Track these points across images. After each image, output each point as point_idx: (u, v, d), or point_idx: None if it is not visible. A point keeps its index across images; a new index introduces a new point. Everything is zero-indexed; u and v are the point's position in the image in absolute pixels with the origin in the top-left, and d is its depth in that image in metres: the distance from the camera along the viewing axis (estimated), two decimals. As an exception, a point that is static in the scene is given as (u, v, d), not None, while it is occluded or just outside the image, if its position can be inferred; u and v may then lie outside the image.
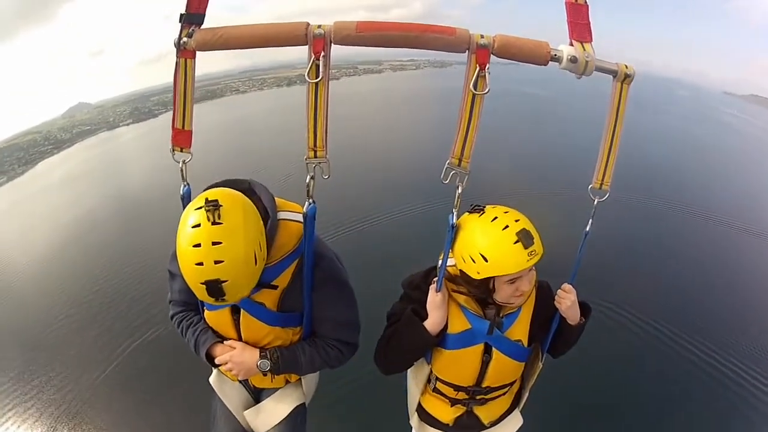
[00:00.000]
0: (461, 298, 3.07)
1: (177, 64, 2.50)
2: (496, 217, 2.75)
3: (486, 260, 2.72)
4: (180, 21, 2.42)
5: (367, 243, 13.23)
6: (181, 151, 2.72)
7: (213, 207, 2.30)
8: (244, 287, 2.48)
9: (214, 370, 3.65)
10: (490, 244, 2.72)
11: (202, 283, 2.30)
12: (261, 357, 3.02)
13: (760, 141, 37.26)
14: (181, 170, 2.72)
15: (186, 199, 2.70)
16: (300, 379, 3.61)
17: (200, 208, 2.30)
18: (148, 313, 10.81)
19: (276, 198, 2.87)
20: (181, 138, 2.69)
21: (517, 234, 2.67)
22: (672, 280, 11.74)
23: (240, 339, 3.09)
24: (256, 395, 3.69)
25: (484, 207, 2.87)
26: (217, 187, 2.59)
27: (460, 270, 2.94)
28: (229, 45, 2.41)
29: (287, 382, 3.59)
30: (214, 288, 2.31)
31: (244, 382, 3.66)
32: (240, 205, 2.44)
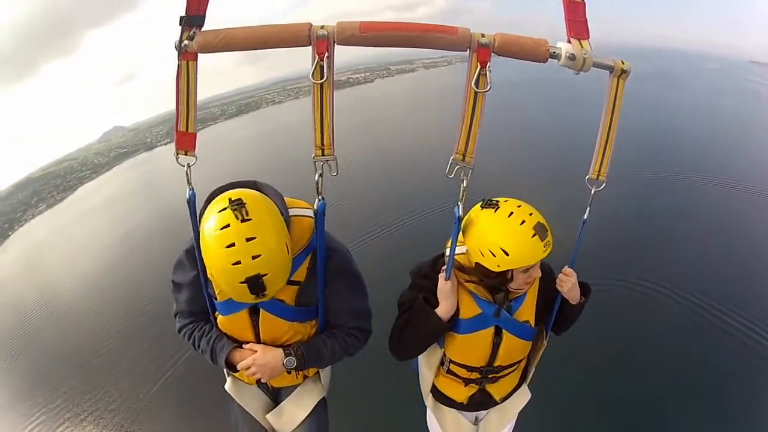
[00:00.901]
0: (471, 286, 3.17)
1: (179, 66, 2.47)
2: (512, 213, 2.87)
3: (507, 254, 2.84)
4: (180, 24, 2.38)
5: (405, 241, 13.41)
6: (186, 154, 2.68)
7: (238, 205, 2.32)
8: (282, 278, 2.51)
9: (229, 377, 3.65)
10: (510, 239, 2.85)
11: (243, 282, 2.30)
12: (286, 355, 3.00)
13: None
14: (186, 174, 2.66)
15: (192, 203, 2.69)
16: (318, 372, 3.63)
17: (224, 209, 2.32)
18: None
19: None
20: (186, 141, 2.66)
21: (534, 228, 2.80)
22: (703, 250, 11.62)
23: (258, 341, 3.09)
24: (274, 396, 3.69)
25: (498, 202, 2.98)
26: (223, 190, 2.60)
27: (477, 263, 3.04)
28: (231, 47, 2.40)
29: (305, 377, 3.62)
30: (256, 284, 2.32)
31: (262, 384, 3.63)
32: (261, 200, 2.47)
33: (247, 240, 2.26)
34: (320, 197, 2.59)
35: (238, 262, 2.25)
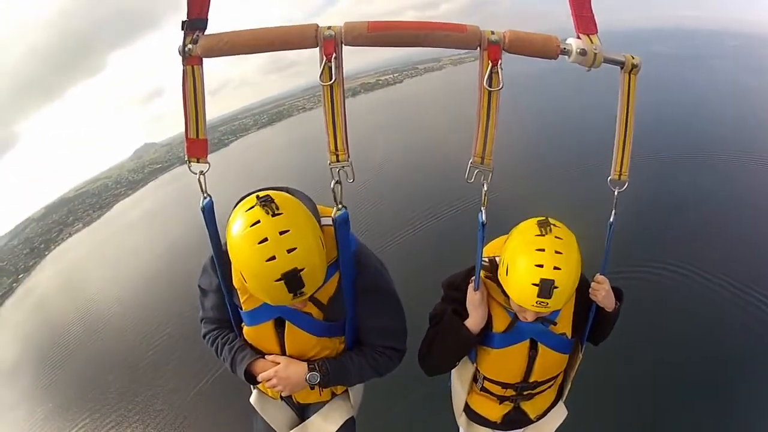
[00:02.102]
0: (501, 298, 3.03)
1: (184, 72, 2.37)
2: (543, 249, 2.67)
3: (506, 274, 2.77)
4: (182, 29, 2.31)
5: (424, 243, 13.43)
6: (198, 161, 2.54)
7: (267, 201, 2.22)
8: (321, 274, 2.34)
9: (254, 390, 3.49)
10: (516, 269, 2.72)
11: (279, 279, 2.15)
12: (309, 370, 2.85)
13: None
14: (199, 181, 2.54)
15: (208, 211, 2.60)
16: (347, 390, 3.44)
17: (253, 206, 2.22)
18: None
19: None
20: (197, 148, 2.53)
21: (541, 281, 2.60)
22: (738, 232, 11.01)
23: (283, 354, 2.95)
24: (300, 412, 3.52)
25: (551, 227, 2.77)
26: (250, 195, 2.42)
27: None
28: (236, 50, 2.35)
29: (333, 394, 3.41)
30: (293, 280, 2.17)
31: (288, 399, 3.43)
32: (290, 198, 2.37)
33: (281, 233, 2.14)
34: (339, 206, 2.45)
35: (273, 258, 2.12)
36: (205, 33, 2.32)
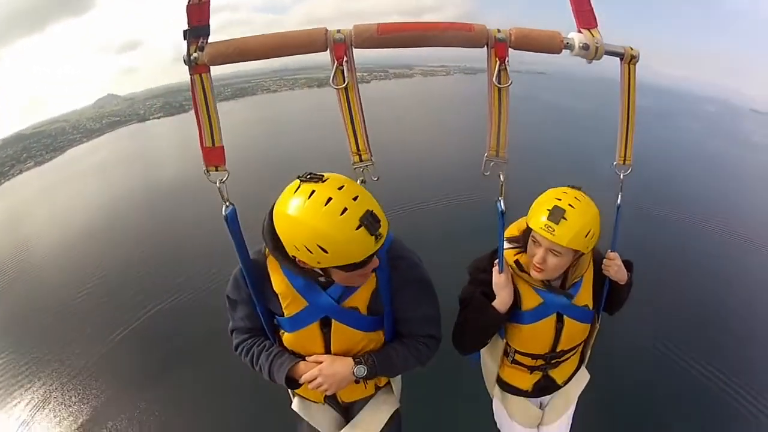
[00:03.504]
0: (527, 276, 3.29)
1: (192, 81, 2.38)
2: (565, 194, 3.06)
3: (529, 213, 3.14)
4: (184, 38, 2.31)
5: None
6: (216, 170, 2.52)
7: (310, 175, 2.24)
8: (382, 212, 2.30)
9: (295, 397, 3.51)
10: (537, 201, 3.14)
11: (359, 227, 2.16)
12: (356, 363, 2.87)
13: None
14: (220, 190, 2.51)
15: (231, 220, 2.54)
16: (389, 382, 3.53)
17: (299, 186, 2.23)
18: (162, 288, 11.62)
19: None
20: (214, 156, 2.52)
21: (554, 207, 2.97)
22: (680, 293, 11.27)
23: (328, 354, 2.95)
24: (345, 412, 3.56)
25: (576, 190, 3.13)
26: None
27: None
28: (245, 56, 2.37)
29: (377, 388, 3.49)
30: (371, 220, 2.19)
31: (332, 400, 3.46)
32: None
33: (339, 189, 2.19)
34: None
35: (345, 209, 2.14)
36: (209, 40, 2.34)
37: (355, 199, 2.18)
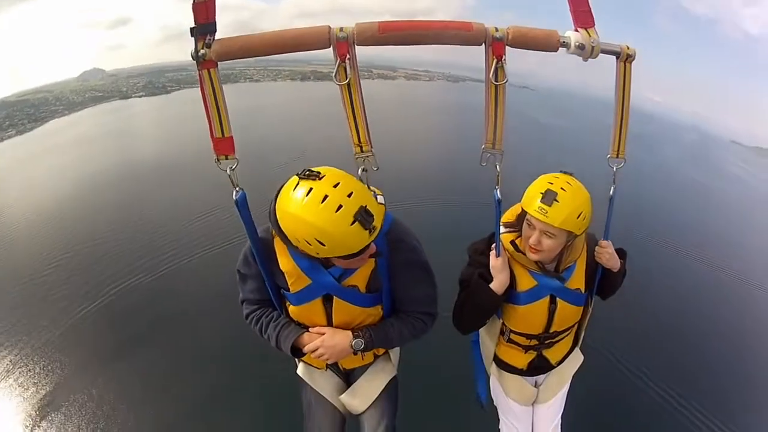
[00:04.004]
0: (523, 259, 3.45)
1: (201, 77, 2.49)
2: (557, 178, 3.22)
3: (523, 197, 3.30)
4: (192, 35, 2.38)
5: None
6: (227, 158, 2.63)
7: (306, 172, 2.37)
8: (377, 207, 2.47)
9: (300, 363, 3.75)
10: (531, 185, 3.28)
11: (353, 222, 2.31)
12: (354, 337, 3.09)
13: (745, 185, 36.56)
14: (230, 177, 2.63)
15: (241, 203, 2.69)
16: (387, 352, 3.74)
17: (297, 183, 2.37)
18: (132, 265, 11.62)
19: None
20: (223, 146, 2.62)
21: (547, 190, 3.14)
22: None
23: (330, 326, 3.17)
24: (346, 377, 3.76)
25: (568, 175, 3.28)
26: None
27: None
28: (251, 53, 2.44)
29: (375, 357, 3.71)
30: (364, 216, 2.33)
31: (334, 367, 3.71)
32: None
33: (335, 186, 2.32)
34: (372, 191, 2.67)
35: (340, 206, 2.29)
36: (216, 37, 2.42)
37: (349, 195, 2.32)
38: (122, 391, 7.80)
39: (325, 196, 2.28)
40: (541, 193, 3.11)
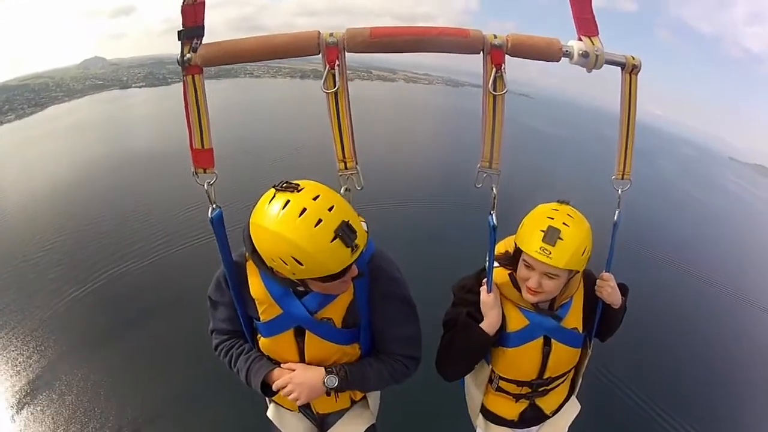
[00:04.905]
0: (515, 296, 3.07)
1: (185, 82, 2.34)
2: (557, 211, 2.83)
3: (519, 232, 2.90)
4: (178, 38, 2.27)
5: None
6: (205, 172, 2.47)
7: (284, 184, 2.16)
8: (360, 224, 2.25)
9: (271, 404, 3.45)
10: (529, 219, 2.88)
11: (334, 239, 2.08)
12: (327, 373, 2.75)
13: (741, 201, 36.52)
14: (207, 193, 2.44)
15: (217, 223, 2.47)
16: (365, 397, 3.37)
17: (273, 196, 2.15)
18: (124, 251, 11.78)
19: None
20: (202, 158, 2.46)
21: (548, 227, 2.74)
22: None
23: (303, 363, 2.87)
24: (320, 423, 3.45)
25: (567, 205, 2.93)
26: None
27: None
28: (238, 59, 2.34)
29: (353, 402, 3.36)
30: (346, 232, 2.11)
31: (307, 410, 3.36)
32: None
33: (314, 199, 2.10)
34: None
35: (320, 221, 2.06)
36: (203, 41, 2.32)
37: (330, 209, 2.10)
38: (110, 375, 7.89)
39: (304, 209, 2.06)
40: (542, 231, 2.72)
